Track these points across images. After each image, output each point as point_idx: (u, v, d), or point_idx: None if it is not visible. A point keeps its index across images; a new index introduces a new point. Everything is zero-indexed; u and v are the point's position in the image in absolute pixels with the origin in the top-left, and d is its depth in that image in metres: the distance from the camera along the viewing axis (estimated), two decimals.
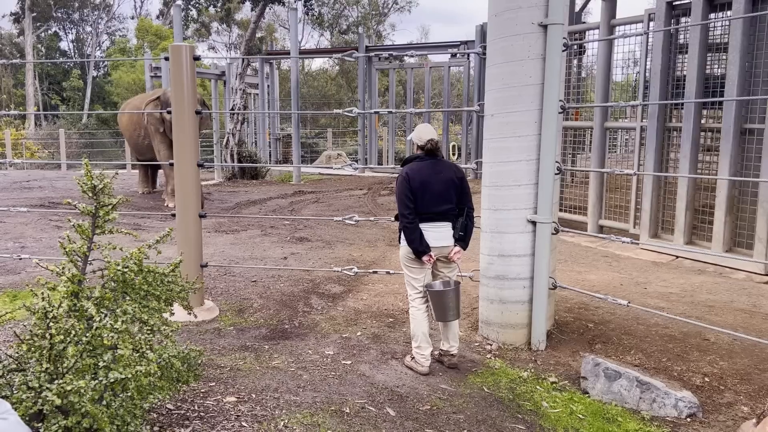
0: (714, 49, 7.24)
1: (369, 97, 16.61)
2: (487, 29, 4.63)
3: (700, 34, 7.09)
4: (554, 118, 4.37)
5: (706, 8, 7.04)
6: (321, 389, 3.75)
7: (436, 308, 4.11)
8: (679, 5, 7.47)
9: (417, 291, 4.19)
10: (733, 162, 6.79)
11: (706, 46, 7.16)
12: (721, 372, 4.01)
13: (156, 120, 11.23)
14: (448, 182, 4.04)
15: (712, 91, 7.13)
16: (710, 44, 7.24)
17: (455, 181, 4.06)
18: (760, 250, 6.49)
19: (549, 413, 3.61)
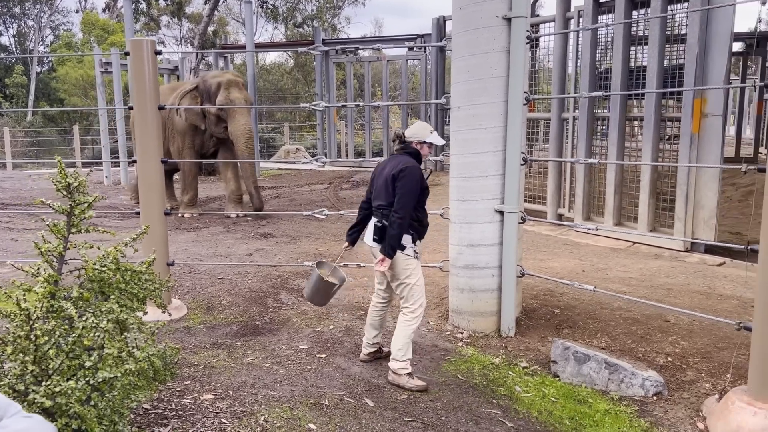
0: (637, 42, 7.59)
1: (327, 91, 16.53)
2: (452, 22, 4.68)
3: (623, 30, 7.40)
4: (519, 109, 4.46)
5: (628, 5, 7.36)
6: (298, 383, 3.75)
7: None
8: (605, 2, 7.78)
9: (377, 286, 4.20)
10: (654, 148, 7.20)
11: (629, 41, 7.49)
12: (683, 351, 4.18)
13: (197, 116, 9.44)
14: (386, 178, 3.81)
15: (635, 82, 7.48)
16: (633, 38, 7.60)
17: (388, 179, 3.78)
18: (679, 228, 6.92)
19: (522, 397, 3.71)
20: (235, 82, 9.36)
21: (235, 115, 9.12)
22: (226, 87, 9.20)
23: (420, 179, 3.78)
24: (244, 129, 9.14)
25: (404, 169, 3.75)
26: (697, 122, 6.67)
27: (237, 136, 9.14)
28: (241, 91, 9.34)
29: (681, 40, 7.04)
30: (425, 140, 3.90)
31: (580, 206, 8.19)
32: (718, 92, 6.65)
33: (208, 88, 9.36)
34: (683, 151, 6.82)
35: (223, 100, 9.07)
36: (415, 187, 3.74)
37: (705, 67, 6.62)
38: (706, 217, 6.73)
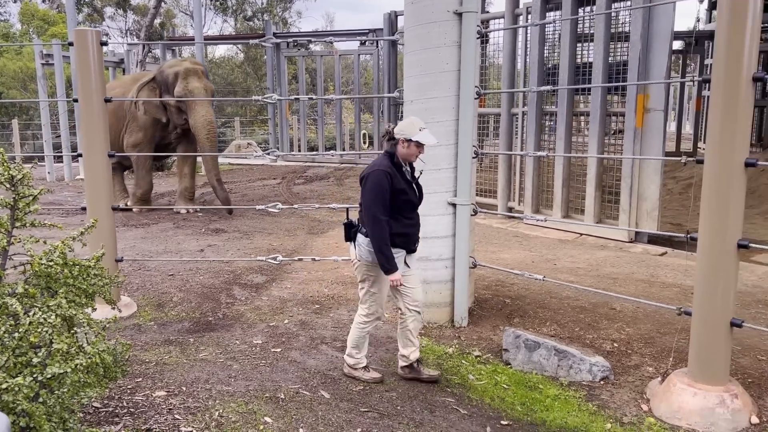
0: (583, 39, 7.83)
1: (278, 85, 16.36)
2: (404, 17, 4.71)
3: (570, 27, 7.61)
4: (471, 103, 4.53)
5: (574, 3, 7.58)
6: (253, 378, 3.73)
7: None
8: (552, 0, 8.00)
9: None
10: (599, 142, 7.45)
11: (576, 38, 7.72)
12: (628, 337, 4.34)
13: (157, 109, 8.98)
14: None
15: (582, 78, 7.72)
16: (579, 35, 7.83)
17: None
18: (624, 220, 7.20)
19: (476, 385, 3.78)
20: (193, 70, 8.92)
21: (195, 106, 8.69)
22: (184, 76, 8.78)
23: (383, 184, 3.42)
24: (204, 120, 8.74)
25: (367, 176, 3.50)
26: (641, 117, 6.91)
27: (197, 128, 8.75)
28: (201, 80, 8.90)
29: (625, 38, 7.27)
30: (411, 138, 3.47)
31: (530, 199, 8.38)
32: (660, 88, 6.90)
33: (165, 79, 8.92)
34: (627, 145, 7.06)
35: (181, 91, 8.66)
36: (374, 194, 3.42)
37: (647, 63, 6.86)
38: (649, 208, 6.99)
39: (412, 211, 3.63)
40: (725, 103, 3.14)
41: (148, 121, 9.10)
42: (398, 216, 3.55)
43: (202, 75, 9.04)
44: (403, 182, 3.51)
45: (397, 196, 3.50)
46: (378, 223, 3.44)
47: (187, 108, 8.75)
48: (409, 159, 3.56)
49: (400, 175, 3.53)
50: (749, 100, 3.16)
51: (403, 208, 3.54)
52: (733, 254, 3.26)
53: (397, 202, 3.51)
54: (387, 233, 3.46)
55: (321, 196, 10.97)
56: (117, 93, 9.51)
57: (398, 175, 3.51)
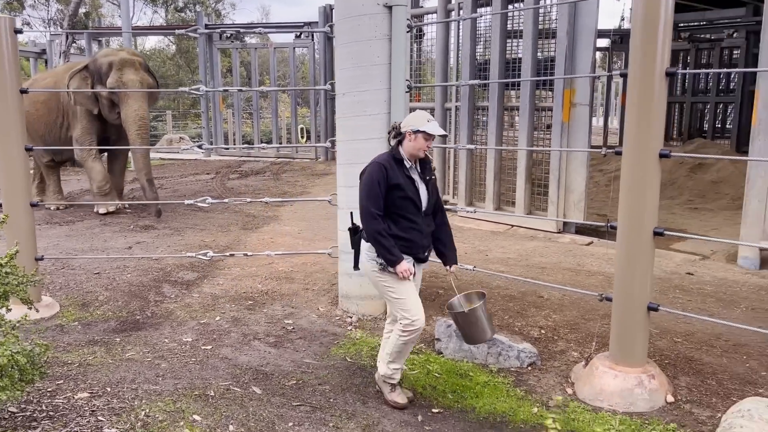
0: (513, 36, 8.03)
1: (211, 78, 15.98)
2: (334, 8, 4.68)
3: (500, 23, 7.79)
4: (402, 96, 4.56)
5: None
6: (182, 376, 3.64)
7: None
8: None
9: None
10: (529, 136, 7.67)
11: (506, 34, 7.92)
12: (555, 324, 4.49)
13: (89, 100, 8.34)
14: None
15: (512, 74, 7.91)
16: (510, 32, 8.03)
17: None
18: (552, 211, 7.44)
19: (408, 375, 3.82)
20: (130, 61, 8.33)
21: (128, 100, 8.11)
22: (119, 67, 8.20)
23: (376, 176, 3.21)
24: (136, 115, 8.14)
25: (363, 170, 3.32)
26: (567, 111, 7.14)
27: (128, 123, 8.15)
28: (138, 72, 8.33)
29: (552, 35, 7.49)
30: (420, 129, 3.24)
31: (463, 192, 8.53)
32: (585, 83, 7.15)
33: (99, 68, 8.31)
34: (555, 138, 7.29)
35: (114, 83, 8.08)
36: (367, 188, 3.22)
37: (573, 59, 7.09)
38: (576, 200, 7.24)
39: (416, 214, 3.30)
40: (640, 97, 3.29)
41: (83, 112, 8.52)
42: (398, 217, 3.27)
43: (140, 67, 8.48)
44: (401, 177, 3.24)
45: (394, 192, 3.23)
46: (371, 217, 3.21)
47: (119, 101, 8.19)
48: (416, 153, 3.29)
49: (400, 170, 3.26)
50: (663, 94, 3.31)
51: (402, 207, 3.26)
52: (649, 241, 3.42)
53: (394, 199, 3.24)
54: (381, 226, 3.22)
55: (256, 191, 10.80)
56: (48, 83, 9.00)
57: (396, 170, 3.25)
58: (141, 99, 8.23)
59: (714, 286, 5.34)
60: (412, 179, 3.31)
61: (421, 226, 3.34)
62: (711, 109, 16.62)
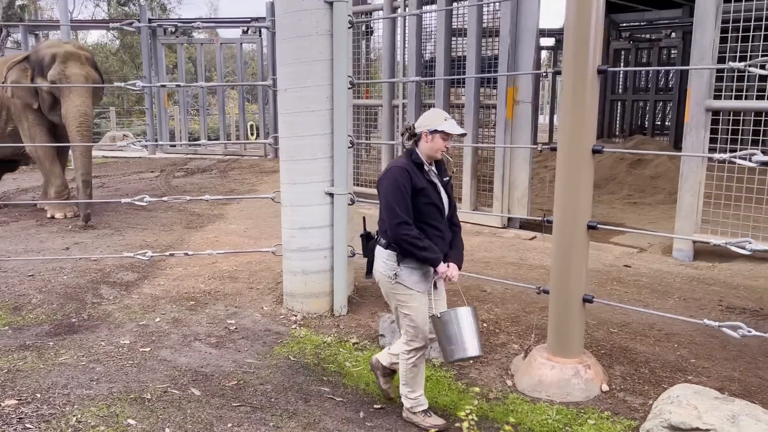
0: (458, 34, 8.12)
1: (156, 74, 15.58)
2: (275, 3, 4.62)
3: (445, 21, 7.88)
4: (344, 93, 4.54)
5: None
6: (118, 379, 3.54)
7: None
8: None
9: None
10: (474, 133, 7.78)
11: (451, 32, 8.00)
12: (497, 317, 4.56)
13: (27, 93, 7.85)
14: None
15: (458, 71, 8.01)
16: (455, 30, 8.12)
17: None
18: (497, 207, 7.59)
19: (352, 371, 3.82)
20: (75, 54, 7.83)
21: (70, 94, 7.61)
22: (62, 60, 7.69)
23: (401, 181, 2.99)
24: (78, 111, 7.62)
25: (382, 177, 3.10)
26: (510, 109, 7.26)
27: (69, 119, 7.63)
28: (83, 67, 7.80)
29: (496, 33, 7.59)
30: (437, 128, 3.04)
31: None
32: (528, 81, 7.28)
33: (40, 60, 7.79)
34: (499, 135, 7.41)
35: (57, 76, 7.56)
36: (393, 193, 2.98)
37: (516, 57, 7.21)
38: (520, 196, 7.38)
39: (440, 220, 3.11)
40: (574, 95, 3.37)
41: (23, 107, 7.99)
42: (422, 225, 3.05)
43: (86, 62, 7.97)
44: (424, 182, 3.04)
45: (418, 197, 3.03)
46: (404, 224, 2.97)
47: (61, 95, 7.70)
48: (434, 155, 3.10)
49: (420, 174, 3.06)
50: (595, 92, 3.40)
51: (426, 214, 3.05)
52: (583, 235, 3.50)
53: (418, 206, 3.04)
54: (415, 232, 2.98)
55: (202, 189, 10.59)
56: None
57: (419, 174, 3.05)
58: (84, 94, 7.73)
59: (650, 278, 5.53)
60: (433, 183, 3.11)
61: (445, 232, 3.14)
62: (651, 106, 17.20)
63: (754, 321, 4.52)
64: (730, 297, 5.06)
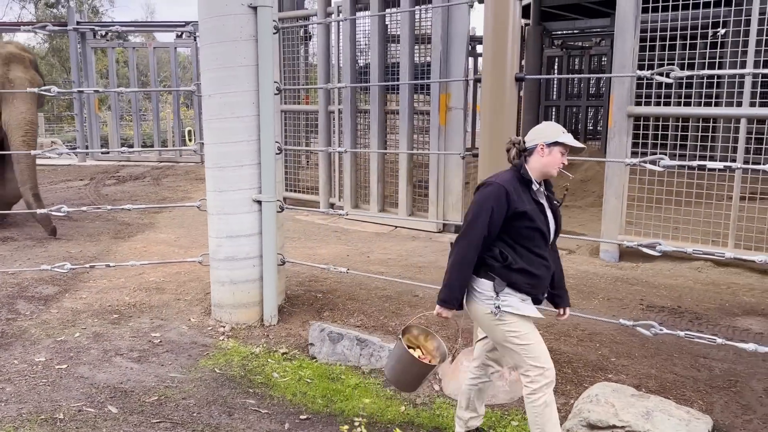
0: (392, 40, 8.18)
1: (85, 78, 15.03)
2: (198, 7, 4.52)
3: (379, 27, 7.93)
4: (270, 98, 4.48)
5: (381, 3, 7.89)
6: (28, 399, 3.37)
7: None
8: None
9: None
10: (409, 139, 7.87)
11: (385, 38, 8.07)
12: (427, 322, 4.55)
13: None
14: None
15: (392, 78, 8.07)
16: (389, 36, 8.17)
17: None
18: (433, 212, 7.67)
19: (279, 382, 3.76)
20: (18, 56, 7.30)
21: (13, 101, 7.10)
22: (4, 61, 7.17)
23: (493, 201, 2.66)
24: (22, 119, 7.11)
25: (478, 188, 2.79)
26: (443, 115, 7.35)
27: (12, 128, 7.12)
28: (27, 71, 7.30)
29: (428, 40, 7.68)
30: (557, 140, 2.70)
31: (349, 195, 8.55)
32: (460, 88, 7.39)
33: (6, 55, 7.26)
34: (433, 141, 7.49)
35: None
36: (477, 212, 2.69)
37: (448, 64, 7.30)
38: (454, 201, 7.47)
39: (543, 246, 2.76)
40: (492, 101, 3.42)
41: None
42: (523, 249, 2.72)
43: (30, 65, 7.46)
44: (528, 204, 2.70)
45: (518, 221, 2.69)
46: (465, 245, 2.72)
47: (2, 101, 7.16)
48: (549, 171, 2.75)
49: (526, 194, 2.72)
50: (513, 98, 3.47)
51: (528, 239, 2.72)
52: None
53: (518, 230, 2.71)
54: (470, 258, 2.71)
55: (134, 198, 10.27)
56: None
57: (523, 194, 2.71)
58: (29, 101, 7.18)
59: (576, 279, 5.68)
60: (540, 205, 2.76)
61: (549, 261, 2.80)
62: (583, 112, 17.77)
63: (672, 318, 4.70)
64: (651, 296, 5.25)
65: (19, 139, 7.12)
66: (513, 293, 2.73)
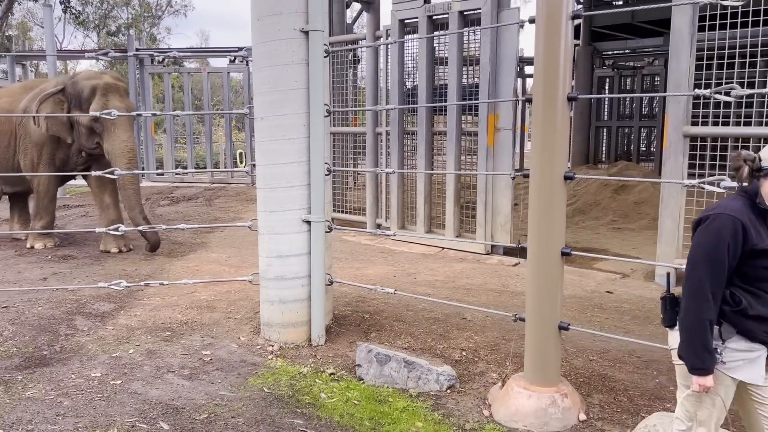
0: (439, 62, 8.17)
1: (143, 102, 15.62)
2: (251, 33, 4.65)
3: (427, 50, 7.95)
4: (321, 121, 4.55)
5: (430, 26, 7.91)
6: (85, 414, 3.45)
7: None
8: (410, 23, 8.25)
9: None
10: (456, 160, 7.81)
11: (433, 61, 8.08)
12: (476, 345, 4.51)
13: (63, 128, 7.49)
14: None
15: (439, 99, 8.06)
16: (436, 59, 8.18)
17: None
18: (480, 233, 7.56)
19: (326, 403, 3.75)
20: (114, 86, 7.51)
21: (114, 129, 7.26)
22: (103, 93, 7.35)
23: (727, 237, 2.29)
24: (125, 147, 7.31)
25: (701, 220, 2.40)
26: (492, 136, 7.30)
27: (117, 156, 7.29)
28: (123, 100, 7.50)
29: (477, 61, 7.67)
30: None
31: (395, 216, 8.56)
32: (509, 109, 7.33)
33: (78, 93, 7.43)
34: (480, 162, 7.44)
35: (99, 110, 6.85)
36: (707, 249, 2.32)
37: (496, 85, 7.28)
38: (503, 222, 7.38)
39: None
40: (544, 122, 3.38)
41: (45, 138, 7.61)
42: (760, 291, 2.35)
43: (125, 93, 7.69)
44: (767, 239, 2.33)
45: (758, 260, 2.32)
46: (701, 297, 2.32)
47: (104, 130, 7.34)
48: None
49: (763, 227, 2.35)
50: (565, 119, 3.42)
51: (766, 280, 2.35)
52: (557, 262, 3.48)
53: (755, 269, 2.34)
54: (710, 314, 2.33)
55: (187, 218, 10.54)
56: (2, 104, 8.01)
57: (759, 227, 2.34)
58: (129, 129, 7.47)
59: (631, 304, 5.51)
60: None
61: None
62: (635, 133, 17.38)
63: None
64: None
65: (125, 166, 7.22)
66: (741, 341, 2.37)
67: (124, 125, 7.39)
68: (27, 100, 7.70)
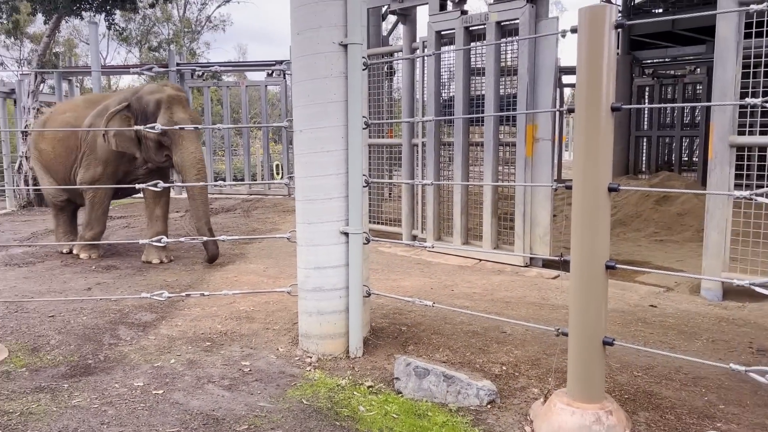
0: (476, 73, 8.13)
1: None
2: (291, 47, 4.71)
3: (464, 61, 7.92)
4: (359, 133, 4.56)
5: (467, 38, 7.89)
6: (128, 423, 3.50)
7: None
8: (446, 34, 8.24)
9: None
10: (494, 171, 7.73)
11: (470, 71, 8.05)
12: (516, 360, 4.43)
13: (131, 143, 7.58)
14: None
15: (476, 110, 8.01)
16: (473, 69, 8.15)
17: None
18: (519, 245, 7.46)
19: (365, 416, 3.72)
20: (177, 98, 7.58)
21: (182, 142, 7.37)
22: (167, 106, 7.43)
23: None
24: (194, 158, 7.42)
25: None
26: (530, 146, 7.23)
27: (186, 168, 7.41)
28: (186, 111, 7.58)
29: (514, 72, 7.62)
30: None
31: (431, 227, 8.53)
32: (547, 119, 7.25)
33: (144, 107, 7.53)
34: (519, 173, 7.36)
35: (166, 124, 7.15)
36: None
37: (535, 95, 7.21)
38: (542, 233, 7.27)
39: None
40: (587, 133, 3.32)
41: (112, 154, 7.73)
42: None
43: (187, 104, 7.77)
44: None
45: None
46: None
47: (171, 143, 7.44)
48: None
49: None
50: (609, 129, 3.35)
51: None
52: (601, 275, 3.40)
53: None
54: None
55: (226, 229, 10.69)
56: (67, 118, 8.25)
57: None
58: (196, 140, 7.57)
59: (676, 319, 5.35)
60: None
61: None
62: (677, 142, 17.01)
63: None
64: (762, 338, 4.86)
65: (194, 178, 7.39)
66: None
67: (192, 137, 7.49)
68: (92, 117, 7.83)
